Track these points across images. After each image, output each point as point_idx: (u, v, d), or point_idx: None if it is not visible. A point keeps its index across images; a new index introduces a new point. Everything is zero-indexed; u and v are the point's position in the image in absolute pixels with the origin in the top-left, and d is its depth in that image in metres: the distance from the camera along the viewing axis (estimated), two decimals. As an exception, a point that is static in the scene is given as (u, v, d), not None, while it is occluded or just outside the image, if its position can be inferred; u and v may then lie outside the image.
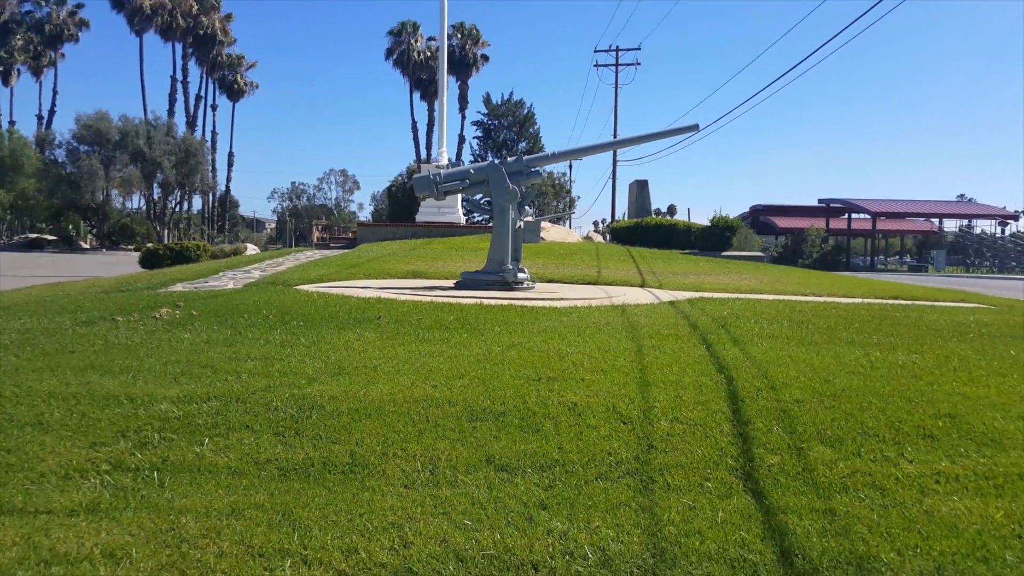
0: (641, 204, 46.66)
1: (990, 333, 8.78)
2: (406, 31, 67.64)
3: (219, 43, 70.48)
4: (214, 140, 73.31)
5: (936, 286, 19.57)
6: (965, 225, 62.57)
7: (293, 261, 19.75)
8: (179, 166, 56.85)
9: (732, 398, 5.50)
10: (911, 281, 24.44)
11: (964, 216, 62.61)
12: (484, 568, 3.23)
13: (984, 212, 62.10)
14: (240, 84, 74.61)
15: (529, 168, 13.80)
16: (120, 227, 60.88)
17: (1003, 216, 61.89)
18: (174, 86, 68.75)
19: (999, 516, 3.75)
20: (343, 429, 4.83)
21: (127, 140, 54.64)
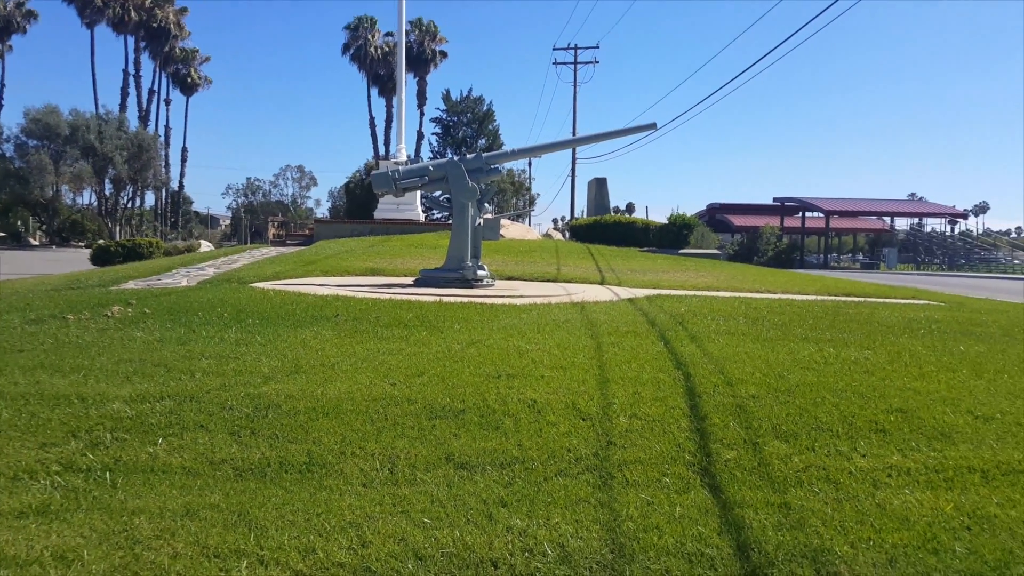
0: (600, 202, 46.94)
1: (940, 329, 9.01)
2: (363, 26, 67.02)
3: (173, 37, 69.05)
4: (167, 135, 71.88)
5: (888, 283, 20.02)
6: (916, 224, 64.22)
7: (248, 258, 19.46)
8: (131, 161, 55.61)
9: (690, 394, 5.55)
10: (863, 278, 24.98)
11: (915, 215, 64.26)
12: (443, 566, 3.21)
13: (934, 211, 63.78)
14: (194, 78, 73.24)
15: (488, 165, 13.78)
16: (70, 223, 59.39)
17: (953, 215, 63.65)
18: (126, 80, 67.24)
19: (949, 508, 3.84)
20: (300, 428, 4.77)
21: (78, 134, 53.29)
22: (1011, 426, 5.02)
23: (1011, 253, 57.37)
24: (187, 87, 73.56)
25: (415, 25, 66.85)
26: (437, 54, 68.93)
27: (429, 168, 13.75)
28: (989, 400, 5.59)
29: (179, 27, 69.61)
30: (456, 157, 13.97)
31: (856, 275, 33.66)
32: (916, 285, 20.94)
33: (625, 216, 46.59)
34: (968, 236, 63.06)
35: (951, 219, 64.37)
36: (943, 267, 53.55)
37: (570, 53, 53.46)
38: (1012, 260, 54.18)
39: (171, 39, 69.00)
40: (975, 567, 3.29)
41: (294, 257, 18.95)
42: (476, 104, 57.98)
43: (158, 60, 69.78)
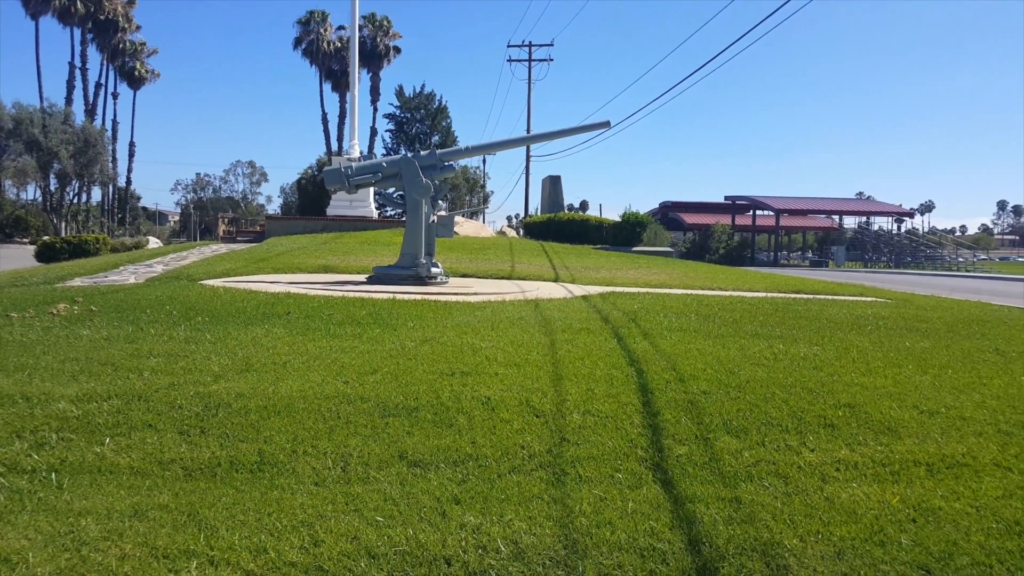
0: (554, 199, 47.09)
1: (887, 326, 9.23)
2: (315, 20, 66.12)
3: (121, 29, 67.29)
4: (115, 130, 70.06)
5: (836, 281, 20.46)
6: (864, 222, 65.70)
7: (198, 255, 19.09)
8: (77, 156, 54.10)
9: (642, 390, 5.60)
10: (812, 276, 25.50)
11: (863, 213, 65.74)
12: (396, 564, 3.19)
13: (881, 209, 65.37)
14: (141, 72, 71.50)
15: (443, 162, 13.72)
16: (14, 219, 57.56)
17: (899, 213, 65.31)
18: (72, 73, 65.30)
19: (895, 501, 3.94)
20: (251, 427, 4.69)
21: (21, 128, 51.65)
22: (955, 420, 5.17)
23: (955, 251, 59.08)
24: (135, 81, 71.77)
25: (368, 20, 66.22)
26: (391, 49, 68.34)
27: (383, 164, 13.64)
28: (934, 395, 5.74)
29: (127, 19, 67.87)
30: (410, 153, 13.88)
31: (805, 273, 34.35)
32: (863, 282, 21.45)
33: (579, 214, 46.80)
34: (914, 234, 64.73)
35: (898, 218, 66.03)
36: (890, 265, 54.90)
37: (524, 51, 53.50)
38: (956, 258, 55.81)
39: (119, 31, 67.25)
40: (920, 558, 3.37)
41: (245, 254, 18.65)
42: (429, 100, 57.74)
43: (105, 53, 67.95)
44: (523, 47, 53.97)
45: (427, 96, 57.85)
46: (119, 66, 70.41)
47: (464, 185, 56.32)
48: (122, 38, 68.16)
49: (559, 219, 37.53)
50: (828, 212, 64.76)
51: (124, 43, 68.78)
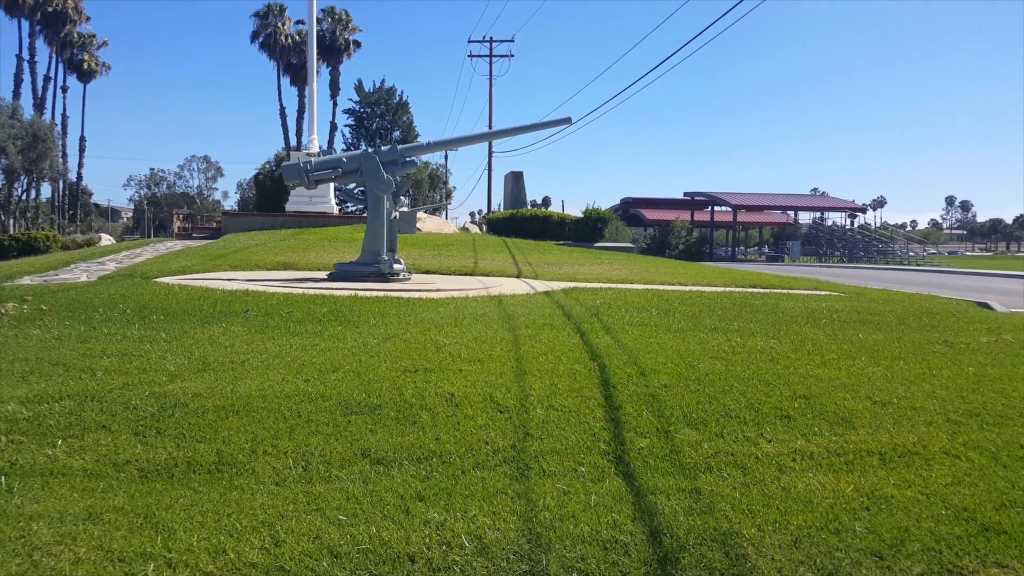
0: (517, 195, 47.11)
1: (840, 319, 9.43)
2: (272, 13, 65.12)
3: (71, 21, 65.51)
4: (64, 124, 68.15)
5: (791, 275, 20.82)
6: (818, 218, 66.89)
7: (152, 252, 18.74)
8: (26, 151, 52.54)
9: (604, 385, 5.64)
10: (769, 270, 25.91)
11: (817, 209, 66.92)
12: (359, 563, 3.17)
13: (835, 205, 66.59)
14: (91, 65, 69.72)
15: (404, 157, 13.65)
16: (-43, 216, 55.78)
17: (852, 209, 66.58)
18: (20, 66, 63.36)
19: (849, 490, 4.03)
20: (208, 427, 4.63)
21: (-33, 123, 50.01)
22: (906, 410, 5.30)
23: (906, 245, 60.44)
24: (84, 74, 69.97)
25: (327, 13, 65.45)
26: (350, 44, 67.66)
27: (342, 160, 13.52)
28: (886, 386, 5.88)
29: (77, 11, 66.07)
30: (371, 149, 13.79)
31: (762, 267, 34.88)
32: (818, 277, 21.85)
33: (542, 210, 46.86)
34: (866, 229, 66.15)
35: (851, 213, 67.32)
36: (843, 259, 56.00)
37: (485, 46, 53.40)
38: (907, 252, 57.11)
39: (68, 23, 65.49)
40: (874, 545, 3.46)
41: (201, 251, 18.36)
42: (389, 95, 57.24)
43: (54, 45, 66.10)
44: (484, 42, 53.80)
45: (387, 91, 57.35)
46: (68, 59, 68.54)
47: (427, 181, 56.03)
48: (71, 30, 66.35)
49: (522, 215, 37.55)
50: (784, 208, 65.81)
51: (73, 35, 67.00)
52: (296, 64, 65.16)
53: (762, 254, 67.63)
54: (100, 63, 71.33)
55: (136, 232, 70.57)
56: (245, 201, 60.55)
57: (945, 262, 53.30)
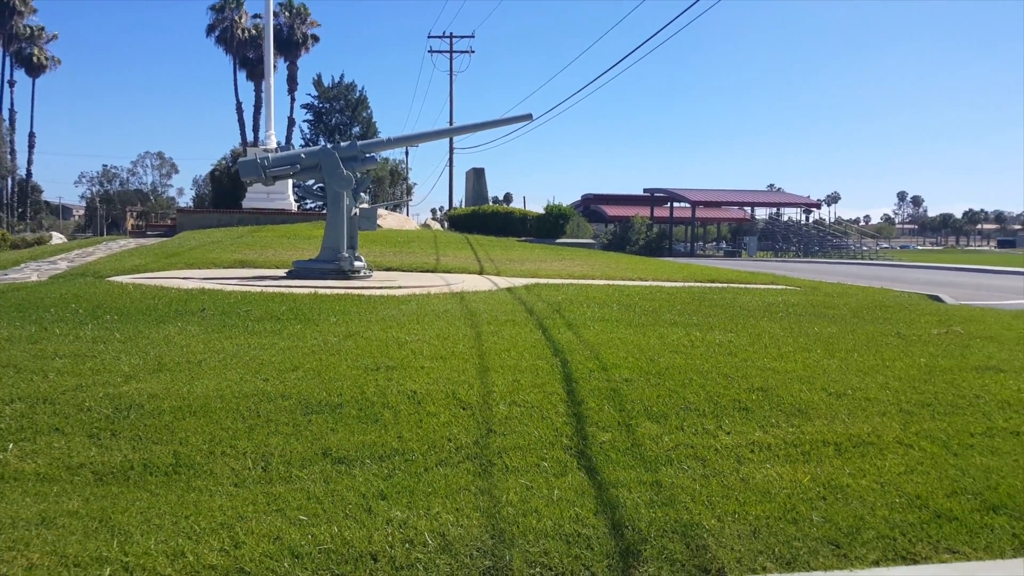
0: (478, 192, 47.05)
1: (796, 312, 9.59)
2: (229, 7, 63.92)
3: (18, 13, 63.64)
4: (12, 119, 66.24)
5: (749, 270, 21.12)
6: (774, 213, 67.93)
7: (105, 250, 18.35)
8: (-30, 147, 51.02)
9: (567, 380, 5.67)
10: (727, 265, 26.25)
11: (773, 205, 67.94)
12: (321, 563, 3.14)
13: (791, 201, 67.66)
14: (40, 58, 67.82)
15: (364, 153, 13.55)
16: (-100, 215, 53.96)
17: (807, 204, 67.76)
18: (-35, 60, 61.52)
19: (806, 480, 4.10)
20: (165, 428, 4.55)
21: (-92, 117, 48.34)
22: (861, 401, 5.41)
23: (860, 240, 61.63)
24: (33, 68, 68.04)
25: (285, 7, 64.49)
26: (308, 38, 66.74)
27: (301, 156, 13.37)
28: (841, 377, 6.00)
29: (24, 2, 64.26)
30: (330, 144, 13.66)
31: (720, 262, 35.31)
32: (774, 271, 22.21)
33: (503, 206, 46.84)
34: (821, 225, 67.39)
35: (806, 208, 68.51)
36: (799, 254, 56.90)
37: (445, 42, 53.18)
38: (860, 247, 58.24)
39: (15, 15, 63.64)
40: (830, 534, 3.53)
41: (155, 249, 18.03)
42: (348, 90, 56.72)
43: (2, 38, 64.26)
44: (444, 38, 53.56)
45: (347, 86, 56.81)
46: (16, 52, 66.58)
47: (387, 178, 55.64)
48: (18, 22, 64.49)
49: (483, 211, 37.49)
50: (741, 204, 66.69)
51: (20, 27, 65.11)
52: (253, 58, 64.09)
53: (720, 249, 68.47)
54: (49, 57, 69.45)
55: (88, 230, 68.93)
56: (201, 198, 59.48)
57: (897, 256, 54.50)
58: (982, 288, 18.18)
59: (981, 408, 5.34)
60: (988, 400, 5.51)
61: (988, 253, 75.13)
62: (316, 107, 57.23)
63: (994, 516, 3.74)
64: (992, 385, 5.89)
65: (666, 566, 3.24)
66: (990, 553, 3.44)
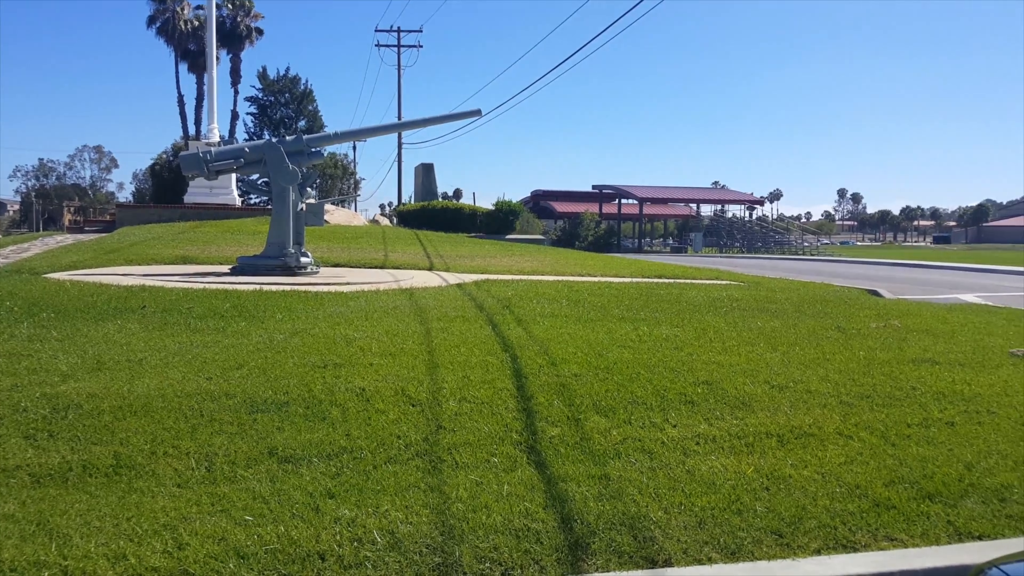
0: (427, 187, 46.80)
1: (740, 307, 9.77)
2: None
3: (-58, -2, 61.14)
4: (-61, 109, 63.73)
5: (694, 266, 21.45)
6: (719, 210, 69.06)
7: (41, 246, 17.77)
8: None
9: (516, 375, 5.68)
10: (673, 261, 26.62)
11: (718, 201, 69.12)
12: (267, 563, 3.10)
13: (735, 198, 68.92)
14: (-30, 46, 65.35)
15: (310, 148, 13.37)
16: None
17: (751, 201, 69.05)
18: None
19: (750, 471, 4.19)
20: (105, 429, 4.42)
21: None
22: (802, 394, 5.54)
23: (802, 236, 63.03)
24: (-38, 56, 65.53)
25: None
26: (252, 31, 65.47)
27: (245, 150, 13.13)
28: (783, 370, 6.14)
29: (-50, -12, 61.76)
30: (275, 139, 13.44)
31: (667, 258, 35.79)
32: (719, 267, 22.59)
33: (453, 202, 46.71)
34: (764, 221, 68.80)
35: (749, 205, 69.75)
36: (743, 250, 57.98)
37: (393, 36, 52.71)
38: (802, 243, 59.58)
39: (-60, 1, 61.10)
40: (774, 524, 3.61)
41: (94, 245, 17.52)
42: (294, 84, 55.82)
43: (-76, 24, 61.60)
44: (392, 32, 53.08)
45: (291, 79, 55.88)
46: (-57, 40, 64.04)
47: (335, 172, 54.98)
48: (-55, 9, 62.00)
49: (433, 207, 37.35)
50: (687, 200, 67.69)
51: (-52, 15, 62.58)
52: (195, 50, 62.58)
53: (667, 245, 69.40)
54: (-21, 46, 66.95)
55: (24, 226, 66.68)
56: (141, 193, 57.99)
57: (837, 252, 55.92)
58: (918, 283, 18.79)
59: (917, 399, 5.51)
60: (924, 392, 5.69)
61: (924, 249, 77.60)
62: (260, 100, 56.21)
63: (930, 504, 3.87)
64: (928, 377, 6.08)
65: (614, 558, 3.27)
66: (926, 540, 3.56)
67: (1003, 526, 3.69)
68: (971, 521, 3.71)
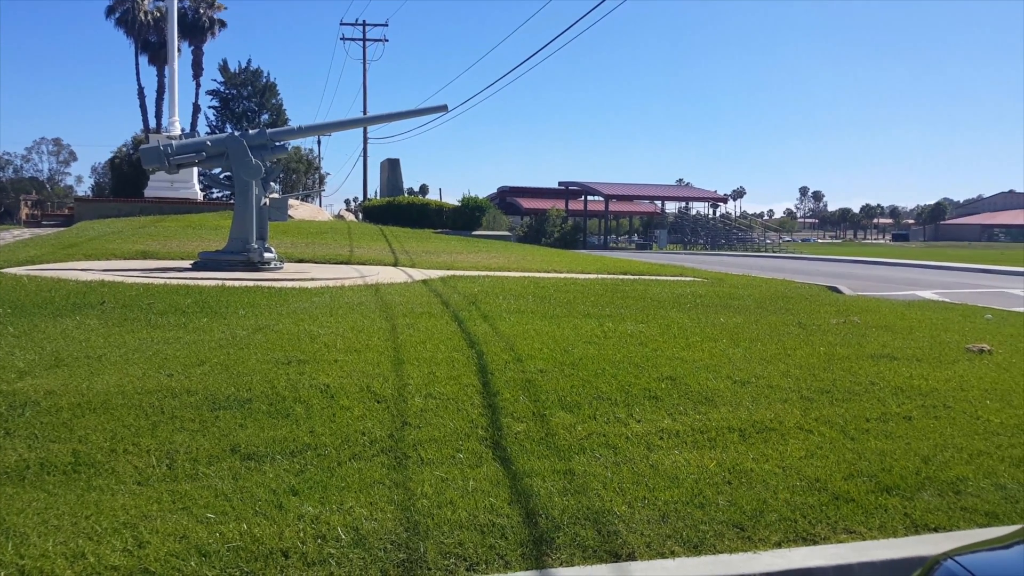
0: (393, 183, 46.52)
1: (704, 303, 9.88)
2: (131, -12, 61.19)
3: None
4: None
5: (659, 262, 21.61)
6: (683, 207, 69.72)
7: (-3, 241, 17.33)
8: None
9: (482, 371, 5.69)
10: (638, 258, 26.82)
11: (683, 199, 69.78)
12: (229, 561, 3.07)
13: (699, 195, 69.64)
14: (-79, 33, 63.46)
15: (273, 142, 13.23)
16: None
17: (714, 199, 69.81)
18: None
19: (712, 466, 4.24)
20: (63, 426, 4.34)
21: None
22: (764, 389, 5.63)
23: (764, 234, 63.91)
24: (-88, 44, 63.61)
25: (190, -10, 62.17)
26: (215, 22, 64.43)
27: (207, 143, 12.94)
28: (745, 366, 6.22)
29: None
30: (237, 132, 13.28)
31: (632, 255, 36.04)
32: (683, 264, 22.79)
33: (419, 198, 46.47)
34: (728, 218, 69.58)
35: (713, 203, 70.54)
36: (707, 247, 58.62)
37: (359, 29, 52.27)
38: (764, 240, 60.42)
39: None
40: (735, 517, 3.66)
41: (52, 239, 17.15)
42: (256, 77, 55.09)
43: None
44: (357, 26, 52.62)
45: (254, 72, 55.14)
46: None
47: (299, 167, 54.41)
48: None
49: (399, 203, 37.12)
50: (652, 198, 68.23)
51: (-102, 2, 60.68)
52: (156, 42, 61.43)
53: (632, 242, 69.90)
54: (-70, 33, 65.08)
55: (-23, 219, 65.02)
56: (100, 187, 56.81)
57: (799, 249, 56.77)
58: (878, 280, 19.16)
59: (876, 394, 5.62)
60: (883, 387, 5.80)
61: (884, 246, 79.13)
62: (222, 94, 55.39)
63: (888, 497, 3.96)
64: (887, 372, 6.21)
65: (578, 552, 3.30)
66: (884, 532, 3.64)
67: (958, 518, 3.78)
68: (927, 513, 3.80)
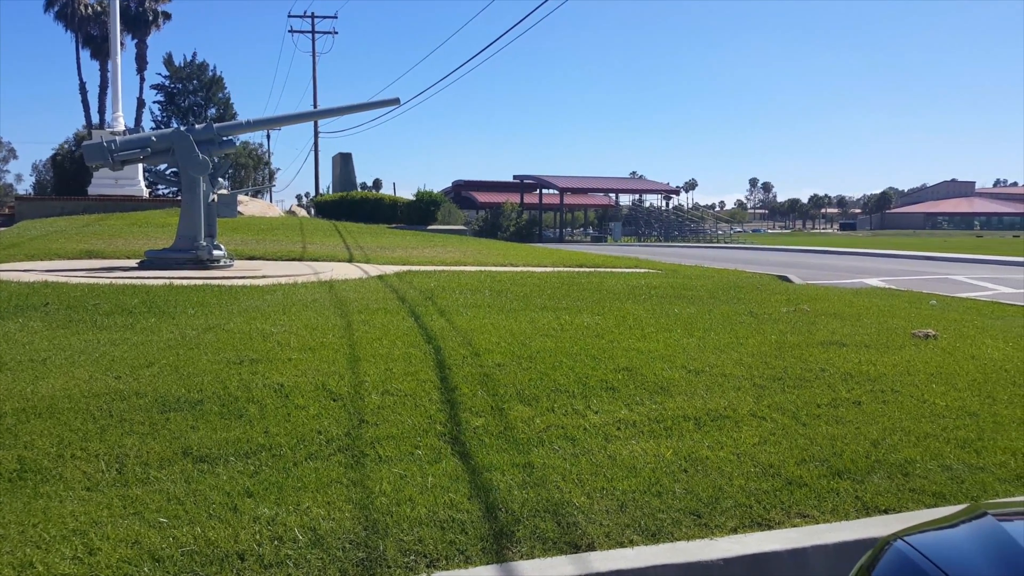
0: (346, 177, 46.01)
1: (658, 294, 9.98)
2: (69, -21, 59.40)
3: None
4: None
5: (614, 254, 21.78)
6: (637, 199, 70.40)
7: (-68, 242, 16.70)
8: None
9: (440, 367, 5.66)
10: (594, 251, 26.98)
11: (636, 191, 70.44)
12: (183, 565, 3.00)
13: (652, 188, 70.34)
14: None
15: (221, 137, 12.97)
16: None
17: (667, 191, 70.60)
18: None
19: (669, 454, 4.29)
20: (7, 432, 4.21)
21: None
22: (718, 377, 5.70)
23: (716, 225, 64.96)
24: None
25: (132, -18, 60.57)
26: (159, 15, 62.91)
27: (152, 139, 12.63)
28: (699, 355, 6.30)
29: None
30: (184, 127, 12.98)
31: (587, 248, 36.24)
32: (638, 255, 23.00)
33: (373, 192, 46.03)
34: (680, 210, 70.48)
35: (666, 195, 71.33)
36: (660, 238, 59.26)
37: (307, 22, 51.50)
38: (716, 231, 61.42)
39: None
40: (692, 505, 3.71)
41: (-9, 240, 16.58)
42: (202, 70, 53.93)
43: None
44: (306, 18, 51.83)
45: (200, 66, 53.94)
46: None
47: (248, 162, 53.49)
48: None
49: (352, 198, 36.69)
50: (606, 191, 68.73)
51: None
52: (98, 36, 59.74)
53: (587, 235, 70.31)
54: None
55: (-91, 219, 62.66)
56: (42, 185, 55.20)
57: (750, 239, 57.74)
58: (826, 268, 19.57)
59: (826, 380, 5.74)
60: (833, 373, 5.93)
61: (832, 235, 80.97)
62: (168, 88, 54.13)
63: (839, 481, 4.05)
64: (836, 359, 6.34)
65: (539, 545, 3.31)
66: (836, 515, 3.72)
67: (907, 499, 3.89)
68: (878, 496, 3.90)
